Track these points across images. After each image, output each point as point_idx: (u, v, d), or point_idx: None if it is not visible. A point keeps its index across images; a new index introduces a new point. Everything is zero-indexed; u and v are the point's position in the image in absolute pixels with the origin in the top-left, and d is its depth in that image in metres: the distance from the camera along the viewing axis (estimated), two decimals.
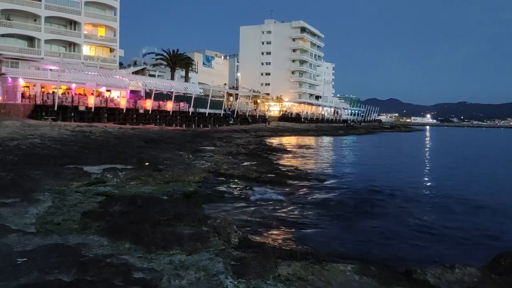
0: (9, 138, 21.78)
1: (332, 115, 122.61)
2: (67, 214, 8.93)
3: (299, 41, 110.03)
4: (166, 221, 8.42)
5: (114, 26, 58.84)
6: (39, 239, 6.87)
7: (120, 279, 5.32)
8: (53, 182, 12.36)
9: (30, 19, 51.16)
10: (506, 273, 6.26)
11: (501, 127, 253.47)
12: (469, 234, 10.79)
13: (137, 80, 53.47)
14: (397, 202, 14.69)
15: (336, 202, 13.73)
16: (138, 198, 10.40)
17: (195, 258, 6.35)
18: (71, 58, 52.01)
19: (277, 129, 66.98)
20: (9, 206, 8.84)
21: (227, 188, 15.22)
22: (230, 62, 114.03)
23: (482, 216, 13.14)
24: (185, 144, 30.19)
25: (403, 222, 11.80)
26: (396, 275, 6.36)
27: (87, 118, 42.27)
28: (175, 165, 18.43)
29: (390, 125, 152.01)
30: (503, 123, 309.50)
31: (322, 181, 18.43)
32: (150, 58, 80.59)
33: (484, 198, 16.13)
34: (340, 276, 6.01)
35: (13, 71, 45.05)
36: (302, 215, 11.94)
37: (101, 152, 20.20)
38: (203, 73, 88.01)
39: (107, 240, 7.09)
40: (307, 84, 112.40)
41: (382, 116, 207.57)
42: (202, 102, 59.92)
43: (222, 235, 7.81)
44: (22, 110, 39.13)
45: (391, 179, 20.40)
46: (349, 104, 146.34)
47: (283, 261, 6.33)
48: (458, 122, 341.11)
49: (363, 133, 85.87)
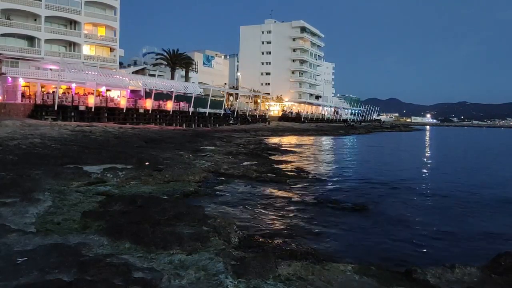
0: (9, 137, 21.78)
1: (332, 115, 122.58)
2: (67, 214, 8.93)
3: (299, 41, 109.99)
4: (166, 221, 8.42)
5: (114, 25, 58.82)
6: (39, 239, 6.87)
7: (120, 278, 5.31)
8: (53, 181, 12.36)
9: (30, 18, 51.15)
10: (506, 273, 6.26)
11: (501, 127, 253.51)
12: (469, 234, 10.79)
13: (137, 79, 53.48)
14: (397, 201, 14.68)
15: (336, 201, 13.71)
16: (138, 198, 10.40)
17: (195, 258, 6.35)
18: (71, 57, 52.02)
19: (277, 129, 66.98)
20: (9, 205, 8.84)
21: (227, 188, 15.22)
22: (230, 62, 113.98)
23: (482, 215, 13.13)
24: (185, 144, 30.18)
25: (403, 222, 11.80)
26: (396, 275, 6.35)
27: (87, 118, 42.27)
28: (175, 165, 18.43)
29: (390, 125, 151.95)
30: (503, 123, 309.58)
31: (322, 181, 18.42)
32: (150, 58, 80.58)
33: (484, 198, 16.12)
34: (340, 276, 6.01)
35: (13, 71, 45.05)
36: (302, 215, 11.93)
37: (101, 152, 20.20)
38: (203, 73, 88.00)
39: (107, 239, 7.09)
40: (307, 84, 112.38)
41: (382, 116, 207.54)
42: (202, 102, 59.91)
43: (222, 235, 7.81)
44: (22, 109, 39.13)
45: (391, 179, 20.40)
46: (349, 104, 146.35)
47: (283, 261, 6.33)
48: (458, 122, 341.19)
49: (363, 133, 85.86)
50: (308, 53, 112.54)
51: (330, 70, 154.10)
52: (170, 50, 70.54)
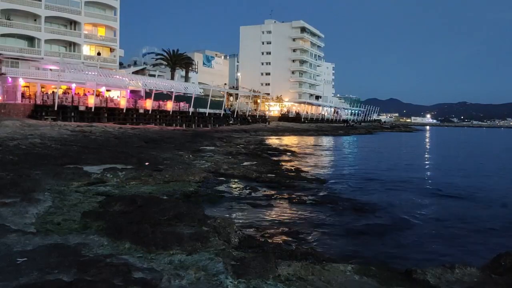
0: (9, 138, 21.78)
1: (332, 115, 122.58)
2: (67, 214, 8.92)
3: (299, 41, 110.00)
4: (166, 221, 8.42)
5: (114, 26, 58.80)
6: (39, 239, 6.87)
7: (120, 279, 5.31)
8: (53, 182, 12.36)
9: (30, 19, 51.13)
10: (506, 273, 6.25)
11: (501, 127, 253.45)
12: (469, 234, 10.79)
13: (137, 80, 53.44)
14: (397, 201, 14.69)
15: (336, 201, 13.71)
16: (138, 198, 10.39)
17: (195, 258, 6.34)
18: (71, 58, 52.00)
19: (277, 129, 66.99)
20: (9, 206, 8.82)
21: (227, 188, 15.22)
22: (230, 62, 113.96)
23: (482, 215, 13.13)
24: (185, 144, 30.18)
25: (403, 221, 11.81)
26: (396, 275, 6.35)
27: (87, 118, 42.25)
28: (175, 165, 18.43)
29: (390, 125, 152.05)
30: (503, 123, 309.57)
31: (322, 181, 18.42)
32: (150, 58, 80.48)
33: (485, 198, 16.13)
34: (340, 276, 6.01)
35: (13, 71, 45.02)
36: (302, 215, 11.94)
37: (101, 152, 20.20)
38: (203, 73, 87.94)
39: (107, 240, 7.08)
40: (307, 84, 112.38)
41: (382, 116, 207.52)
42: (202, 102, 59.91)
43: (222, 235, 7.81)
44: (22, 110, 39.12)
45: (391, 179, 20.41)
46: (349, 104, 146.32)
47: (283, 261, 6.32)
48: (458, 122, 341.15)
49: (363, 133, 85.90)
50: (308, 53, 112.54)
51: (330, 70, 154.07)
52: (170, 50, 70.55)
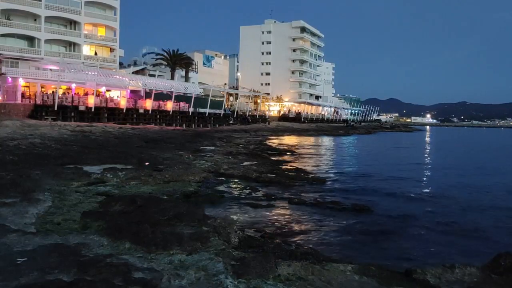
0: (9, 138, 21.78)
1: (332, 115, 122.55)
2: (67, 214, 8.93)
3: (299, 41, 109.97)
4: (166, 221, 8.42)
5: (114, 26, 58.77)
6: (39, 239, 6.87)
7: (120, 279, 5.31)
8: (53, 182, 12.36)
9: (30, 19, 51.11)
10: (506, 273, 6.25)
11: (501, 127, 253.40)
12: (469, 234, 10.79)
13: (137, 80, 53.44)
14: (396, 201, 14.70)
15: (336, 201, 13.71)
16: (138, 198, 10.39)
17: (195, 258, 6.34)
18: (71, 58, 51.98)
19: (277, 129, 66.99)
20: (9, 206, 8.83)
21: (227, 188, 15.22)
22: (230, 62, 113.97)
23: (482, 215, 13.13)
24: (185, 144, 30.19)
25: (403, 221, 11.81)
26: (396, 275, 6.35)
27: (87, 118, 42.26)
28: (175, 165, 18.43)
29: (390, 125, 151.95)
30: (503, 123, 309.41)
31: (322, 181, 18.42)
32: (150, 58, 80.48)
33: (485, 198, 16.12)
34: (340, 276, 6.01)
35: (13, 71, 45.00)
36: (302, 215, 11.94)
37: (101, 152, 20.20)
38: (203, 73, 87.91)
39: (107, 240, 7.09)
40: (307, 84, 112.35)
41: (382, 116, 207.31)
42: (202, 102, 59.91)
43: (222, 235, 7.81)
44: (22, 110, 39.12)
45: (391, 179, 20.41)
46: (349, 104, 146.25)
47: (283, 261, 6.32)
48: (458, 122, 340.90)
49: (363, 133, 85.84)
50: (308, 53, 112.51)
51: (330, 70, 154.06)
52: (170, 50, 70.53)
